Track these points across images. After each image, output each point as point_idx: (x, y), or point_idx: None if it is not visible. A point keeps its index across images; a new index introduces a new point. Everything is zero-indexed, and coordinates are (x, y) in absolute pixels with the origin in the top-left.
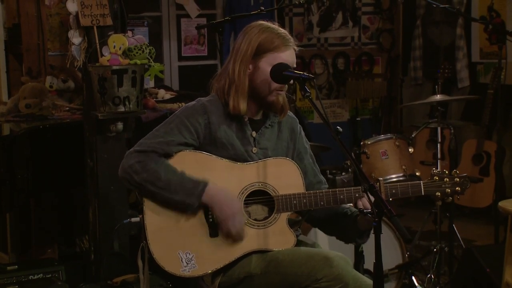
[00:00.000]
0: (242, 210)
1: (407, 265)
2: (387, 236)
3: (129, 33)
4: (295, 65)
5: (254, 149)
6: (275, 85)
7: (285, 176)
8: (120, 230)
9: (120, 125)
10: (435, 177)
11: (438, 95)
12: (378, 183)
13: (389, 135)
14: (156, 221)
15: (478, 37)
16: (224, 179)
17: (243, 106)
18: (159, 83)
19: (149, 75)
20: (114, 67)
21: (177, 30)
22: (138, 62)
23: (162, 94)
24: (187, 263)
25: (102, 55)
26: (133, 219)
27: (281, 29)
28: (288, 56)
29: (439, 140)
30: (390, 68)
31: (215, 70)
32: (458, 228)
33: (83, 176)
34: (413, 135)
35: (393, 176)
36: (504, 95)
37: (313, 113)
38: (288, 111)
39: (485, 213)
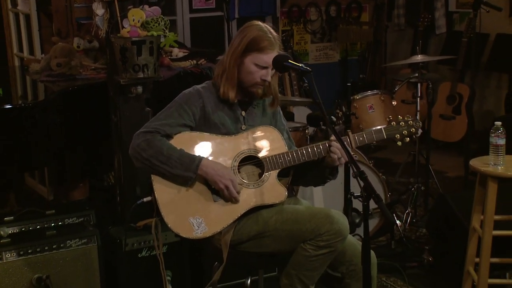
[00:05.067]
0: (234, 176)
1: (388, 204)
2: (372, 180)
3: (146, 7)
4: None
5: (243, 127)
6: (255, 80)
7: (269, 141)
8: (141, 176)
9: (139, 88)
10: (392, 122)
11: (418, 56)
12: (347, 135)
13: (375, 91)
14: (166, 195)
15: None
16: (218, 151)
17: (231, 93)
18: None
19: (164, 45)
20: (134, 39)
21: None
22: (155, 33)
23: (176, 52)
24: (198, 227)
25: (122, 27)
26: (145, 199)
27: (273, 33)
28: (269, 58)
29: (418, 95)
30: (376, 14)
31: (222, 21)
32: (434, 160)
33: (108, 129)
34: (395, 89)
35: (379, 127)
36: (477, 43)
37: (308, 55)
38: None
39: (456, 146)
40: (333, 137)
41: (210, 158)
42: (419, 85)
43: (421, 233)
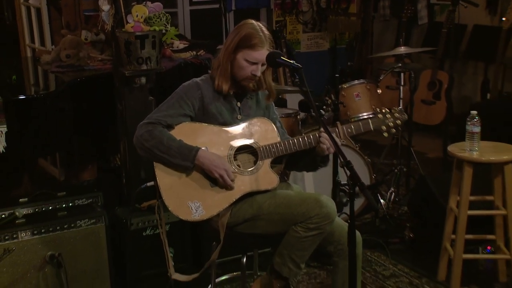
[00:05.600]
0: (228, 165)
1: (373, 185)
2: (358, 163)
3: (148, 3)
4: (264, 62)
5: (239, 116)
6: (246, 74)
7: (263, 132)
8: (145, 160)
9: (143, 79)
10: (379, 114)
11: (402, 47)
12: (336, 126)
13: (361, 80)
14: (167, 181)
15: None
16: (216, 141)
17: (225, 86)
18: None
19: (166, 39)
20: (137, 33)
21: None
22: (157, 28)
23: (177, 44)
24: (196, 210)
25: (127, 22)
26: (148, 184)
27: (264, 31)
28: (259, 55)
29: (402, 84)
30: (364, 6)
31: (220, 13)
32: (415, 142)
33: (114, 117)
34: (380, 79)
35: (364, 114)
36: (455, 34)
37: (300, 44)
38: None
39: (436, 129)
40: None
41: (208, 147)
42: (402, 74)
43: (403, 211)
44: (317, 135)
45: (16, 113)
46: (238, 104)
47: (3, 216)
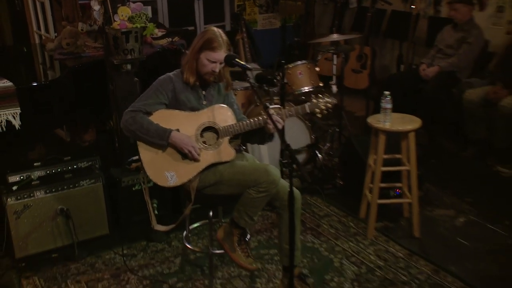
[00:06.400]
0: (195, 143)
1: (312, 144)
2: (300, 126)
3: (131, 4)
4: (223, 61)
5: (204, 102)
6: (207, 70)
7: (223, 116)
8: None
9: (129, 66)
10: (313, 99)
11: (334, 35)
12: (281, 109)
13: (303, 61)
14: (148, 156)
15: None
16: (185, 123)
17: (192, 79)
18: (154, 18)
19: (146, 33)
20: (123, 30)
21: None
22: (138, 25)
23: (156, 32)
24: (171, 178)
25: (114, 20)
26: (133, 164)
27: (223, 37)
28: (218, 55)
29: (334, 63)
30: None
31: (192, 1)
32: (347, 103)
33: (107, 94)
34: (318, 59)
35: (306, 88)
36: (378, 17)
37: (257, 23)
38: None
39: (362, 92)
40: (270, 111)
41: (180, 128)
42: (335, 56)
43: (335, 162)
44: (264, 117)
45: (29, 97)
46: (203, 92)
47: (22, 178)
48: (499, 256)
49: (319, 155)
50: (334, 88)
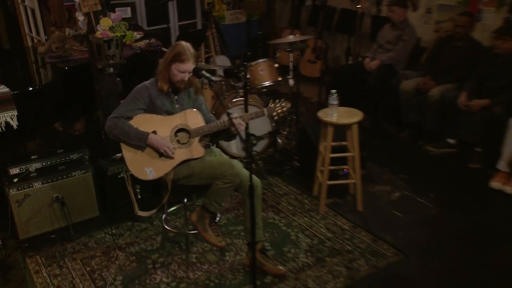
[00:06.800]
0: (170, 144)
1: (273, 131)
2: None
3: (111, 14)
4: (191, 71)
5: (177, 106)
6: (177, 79)
7: (194, 119)
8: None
9: (111, 69)
10: (271, 104)
11: (291, 36)
12: (242, 116)
13: (264, 59)
14: (129, 155)
15: None
16: (162, 126)
17: (165, 86)
18: (133, 17)
19: (126, 40)
20: (105, 39)
21: None
22: (118, 34)
23: (135, 34)
24: (150, 173)
25: (97, 30)
26: (118, 155)
27: (191, 50)
28: (186, 67)
29: (291, 60)
30: None
31: (166, 4)
32: (304, 90)
33: (94, 92)
34: (276, 56)
35: (266, 82)
36: (329, 14)
37: (225, 18)
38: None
39: (316, 80)
40: (233, 115)
41: (157, 131)
42: (291, 54)
43: (293, 145)
44: (229, 119)
45: (25, 101)
46: (176, 97)
47: (21, 170)
48: (425, 225)
49: (279, 140)
50: (291, 82)
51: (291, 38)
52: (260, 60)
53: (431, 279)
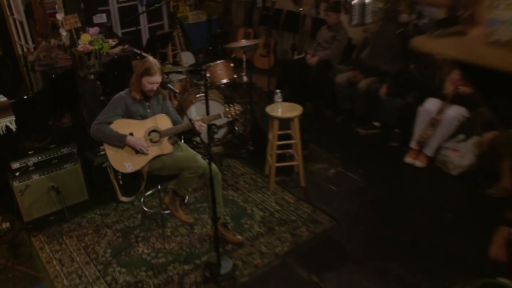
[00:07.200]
0: (144, 143)
1: (231, 121)
2: (222, 108)
3: (89, 29)
4: (159, 82)
5: (149, 110)
6: (147, 89)
7: (163, 122)
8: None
9: (92, 76)
10: (226, 108)
11: (243, 40)
12: (203, 118)
13: (222, 60)
14: (111, 152)
15: None
16: (137, 128)
17: (137, 95)
18: (109, 23)
19: (103, 52)
20: (85, 52)
21: None
22: (97, 47)
23: (110, 42)
24: (128, 166)
25: (78, 44)
26: (101, 152)
27: (157, 65)
28: (154, 79)
29: (244, 60)
30: None
31: (136, 9)
32: (257, 80)
33: (78, 95)
34: (232, 56)
35: (224, 80)
36: (277, 15)
37: (188, 18)
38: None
39: (267, 71)
40: (195, 119)
41: (133, 132)
42: (244, 55)
43: (248, 132)
44: (194, 122)
45: (21, 107)
46: (147, 103)
47: (21, 164)
48: (354, 196)
49: (236, 128)
50: (245, 78)
51: (243, 42)
52: (218, 62)
53: (357, 240)
